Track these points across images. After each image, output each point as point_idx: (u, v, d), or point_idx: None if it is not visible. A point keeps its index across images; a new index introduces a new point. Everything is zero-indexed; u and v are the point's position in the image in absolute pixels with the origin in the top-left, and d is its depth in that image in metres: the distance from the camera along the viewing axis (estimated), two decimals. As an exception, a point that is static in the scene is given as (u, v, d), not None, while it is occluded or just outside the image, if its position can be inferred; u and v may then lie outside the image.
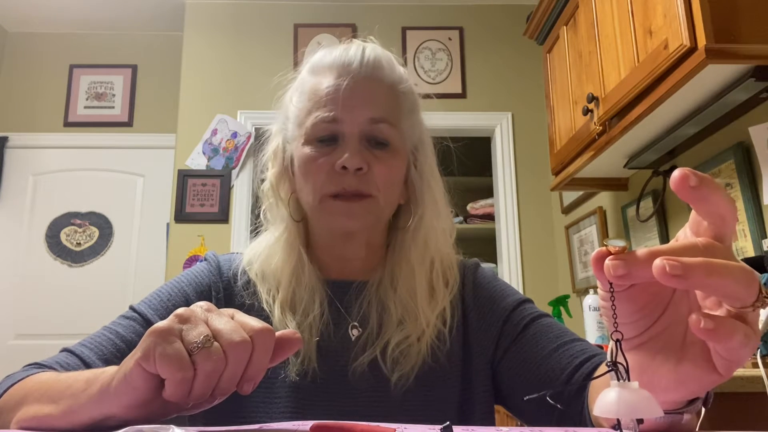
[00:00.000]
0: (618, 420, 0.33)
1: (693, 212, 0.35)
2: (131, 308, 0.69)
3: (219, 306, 0.69)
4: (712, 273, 0.30)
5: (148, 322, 0.67)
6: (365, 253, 0.74)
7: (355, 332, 0.70)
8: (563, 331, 0.69)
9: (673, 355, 0.36)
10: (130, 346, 0.64)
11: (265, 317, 0.69)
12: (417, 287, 0.70)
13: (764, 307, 0.33)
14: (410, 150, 0.74)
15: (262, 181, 0.77)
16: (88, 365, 0.62)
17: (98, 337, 0.66)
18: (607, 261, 0.33)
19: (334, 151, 0.68)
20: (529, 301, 0.75)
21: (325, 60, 0.71)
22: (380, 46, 0.73)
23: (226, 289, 0.73)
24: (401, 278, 0.71)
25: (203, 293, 0.72)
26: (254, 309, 0.71)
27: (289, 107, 0.75)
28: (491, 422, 0.70)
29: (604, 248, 0.33)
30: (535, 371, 0.66)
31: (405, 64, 0.77)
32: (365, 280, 0.73)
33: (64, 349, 0.65)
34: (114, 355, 0.64)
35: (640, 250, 0.32)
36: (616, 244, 0.33)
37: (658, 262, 0.30)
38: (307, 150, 0.69)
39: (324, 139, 0.68)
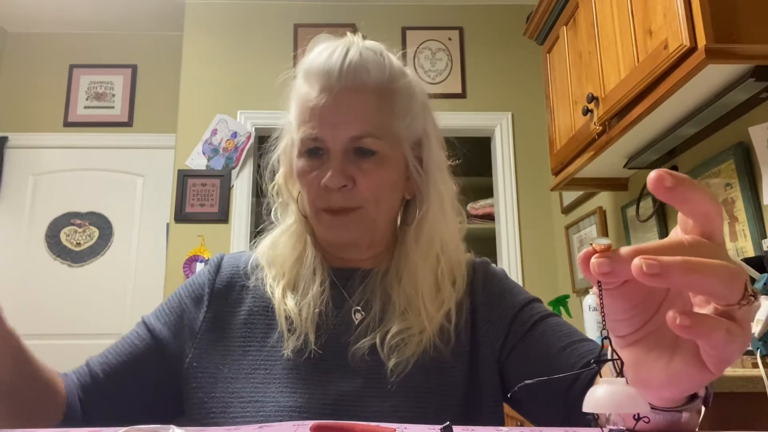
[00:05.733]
0: (594, 414, 0.33)
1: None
2: (142, 319, 0.75)
3: (211, 304, 0.73)
4: (691, 271, 0.31)
5: (152, 332, 0.72)
6: (368, 253, 0.76)
7: (358, 316, 0.71)
8: (571, 331, 0.69)
9: (666, 352, 0.36)
10: (135, 357, 0.71)
11: (268, 298, 0.72)
12: (420, 282, 0.71)
13: (750, 305, 0.33)
14: (410, 146, 0.73)
15: (273, 173, 0.79)
16: (94, 378, 0.69)
17: (111, 349, 0.73)
18: (592, 259, 0.33)
19: (323, 165, 0.68)
20: (538, 300, 0.75)
21: (314, 65, 0.70)
22: (370, 42, 0.72)
23: (227, 281, 0.75)
24: (405, 272, 0.72)
25: (195, 291, 0.75)
26: (259, 292, 0.74)
27: (291, 110, 0.75)
28: (499, 417, 0.70)
29: (590, 248, 0.34)
30: (542, 370, 0.66)
31: (404, 59, 0.77)
32: (370, 268, 0.74)
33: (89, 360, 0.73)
34: (115, 368, 0.70)
35: (625, 248, 0.33)
36: (602, 242, 0.33)
37: (636, 261, 0.31)
38: (301, 163, 0.70)
39: (312, 152, 0.70)
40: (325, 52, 0.70)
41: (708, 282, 0.32)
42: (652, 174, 0.33)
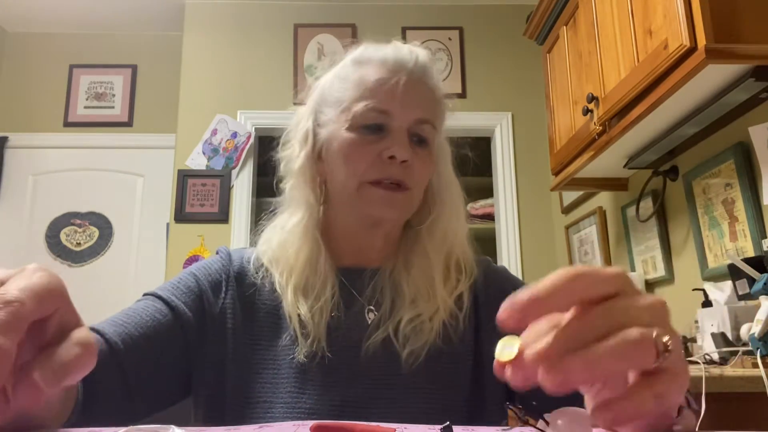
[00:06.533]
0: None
1: None
2: (155, 294, 0.71)
3: (228, 290, 0.71)
4: (590, 367, 0.30)
5: (173, 310, 0.68)
6: (383, 243, 0.76)
7: (371, 315, 0.71)
8: None
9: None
10: (159, 332, 0.66)
11: (275, 298, 0.71)
12: (433, 270, 0.72)
13: (665, 359, 0.32)
14: (436, 150, 0.77)
15: (279, 162, 0.78)
16: (112, 347, 0.61)
17: (125, 319, 0.66)
18: (506, 373, 0.34)
19: (381, 141, 0.69)
20: None
21: (376, 54, 0.73)
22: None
23: (237, 273, 0.74)
24: (415, 263, 0.73)
25: (212, 276, 0.73)
26: (265, 290, 0.72)
27: (328, 92, 0.75)
28: (502, 412, 0.71)
29: (497, 360, 0.34)
30: None
31: None
32: (378, 267, 0.74)
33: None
34: (137, 340, 0.64)
35: (529, 355, 0.32)
36: (507, 354, 0.33)
37: (540, 375, 0.31)
38: (352, 135, 0.70)
39: (371, 127, 0.70)
40: (385, 47, 0.73)
41: (613, 368, 0.31)
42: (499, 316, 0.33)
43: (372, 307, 0.72)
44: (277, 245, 0.74)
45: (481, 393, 0.70)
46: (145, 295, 0.71)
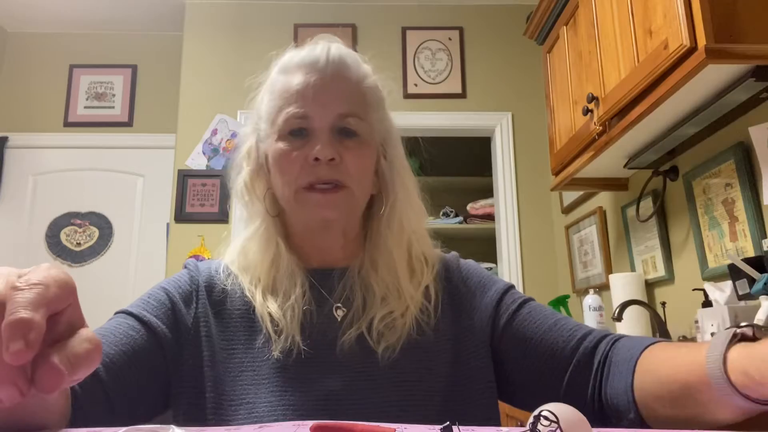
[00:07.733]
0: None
1: None
2: (126, 311, 0.70)
3: (199, 299, 0.72)
4: None
5: (146, 324, 0.68)
6: (343, 242, 0.77)
7: (340, 312, 0.72)
8: (553, 311, 0.75)
9: None
10: (135, 349, 0.66)
11: (247, 302, 0.72)
12: (397, 267, 0.74)
13: None
14: (379, 143, 0.77)
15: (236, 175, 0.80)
16: (94, 371, 0.60)
17: (101, 339, 0.65)
18: None
19: (306, 145, 0.70)
20: (514, 286, 0.80)
21: (294, 60, 0.74)
22: (344, 46, 0.76)
23: (206, 282, 0.75)
24: (381, 260, 0.74)
25: (181, 288, 0.74)
26: (236, 296, 0.73)
27: (261, 107, 0.78)
28: (492, 407, 0.72)
29: None
30: (539, 344, 0.70)
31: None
32: (346, 266, 0.75)
33: None
34: (113, 358, 0.64)
35: None
36: None
37: None
38: (281, 145, 0.72)
39: (295, 133, 0.71)
40: (304, 50, 0.74)
41: None
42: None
43: (340, 305, 0.73)
44: (242, 253, 0.76)
45: (463, 382, 0.70)
46: (116, 313, 0.71)
